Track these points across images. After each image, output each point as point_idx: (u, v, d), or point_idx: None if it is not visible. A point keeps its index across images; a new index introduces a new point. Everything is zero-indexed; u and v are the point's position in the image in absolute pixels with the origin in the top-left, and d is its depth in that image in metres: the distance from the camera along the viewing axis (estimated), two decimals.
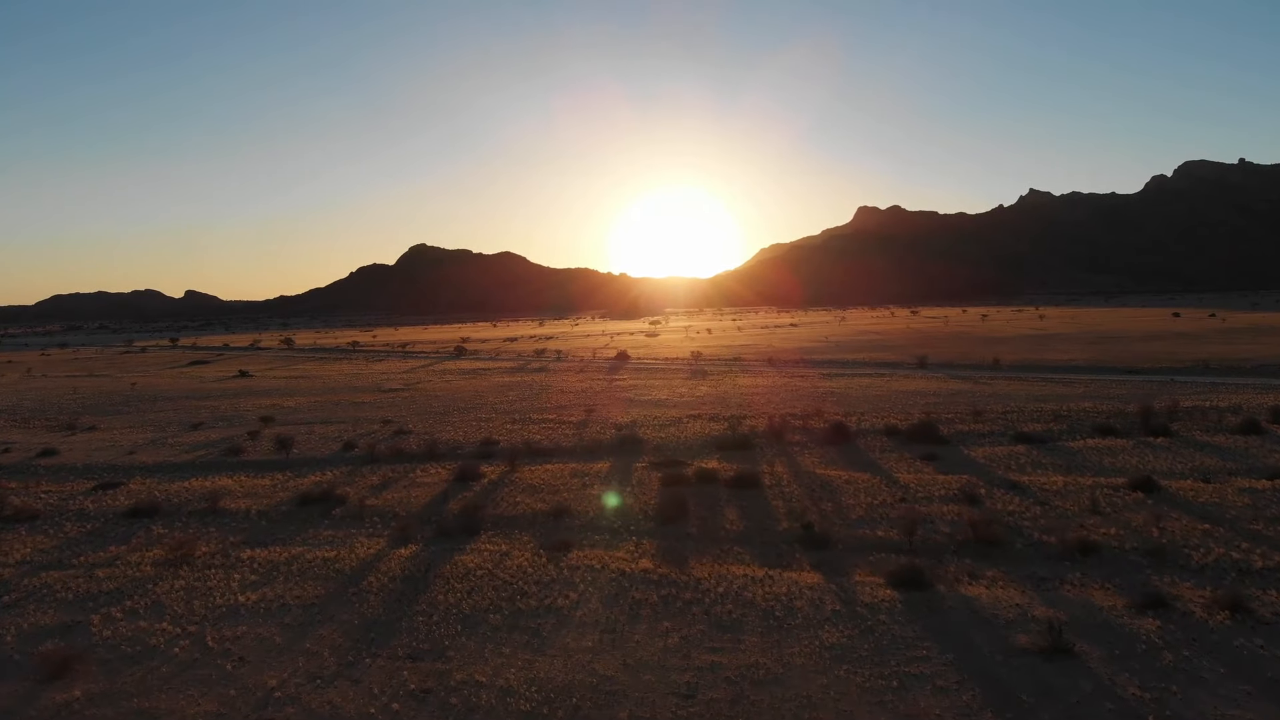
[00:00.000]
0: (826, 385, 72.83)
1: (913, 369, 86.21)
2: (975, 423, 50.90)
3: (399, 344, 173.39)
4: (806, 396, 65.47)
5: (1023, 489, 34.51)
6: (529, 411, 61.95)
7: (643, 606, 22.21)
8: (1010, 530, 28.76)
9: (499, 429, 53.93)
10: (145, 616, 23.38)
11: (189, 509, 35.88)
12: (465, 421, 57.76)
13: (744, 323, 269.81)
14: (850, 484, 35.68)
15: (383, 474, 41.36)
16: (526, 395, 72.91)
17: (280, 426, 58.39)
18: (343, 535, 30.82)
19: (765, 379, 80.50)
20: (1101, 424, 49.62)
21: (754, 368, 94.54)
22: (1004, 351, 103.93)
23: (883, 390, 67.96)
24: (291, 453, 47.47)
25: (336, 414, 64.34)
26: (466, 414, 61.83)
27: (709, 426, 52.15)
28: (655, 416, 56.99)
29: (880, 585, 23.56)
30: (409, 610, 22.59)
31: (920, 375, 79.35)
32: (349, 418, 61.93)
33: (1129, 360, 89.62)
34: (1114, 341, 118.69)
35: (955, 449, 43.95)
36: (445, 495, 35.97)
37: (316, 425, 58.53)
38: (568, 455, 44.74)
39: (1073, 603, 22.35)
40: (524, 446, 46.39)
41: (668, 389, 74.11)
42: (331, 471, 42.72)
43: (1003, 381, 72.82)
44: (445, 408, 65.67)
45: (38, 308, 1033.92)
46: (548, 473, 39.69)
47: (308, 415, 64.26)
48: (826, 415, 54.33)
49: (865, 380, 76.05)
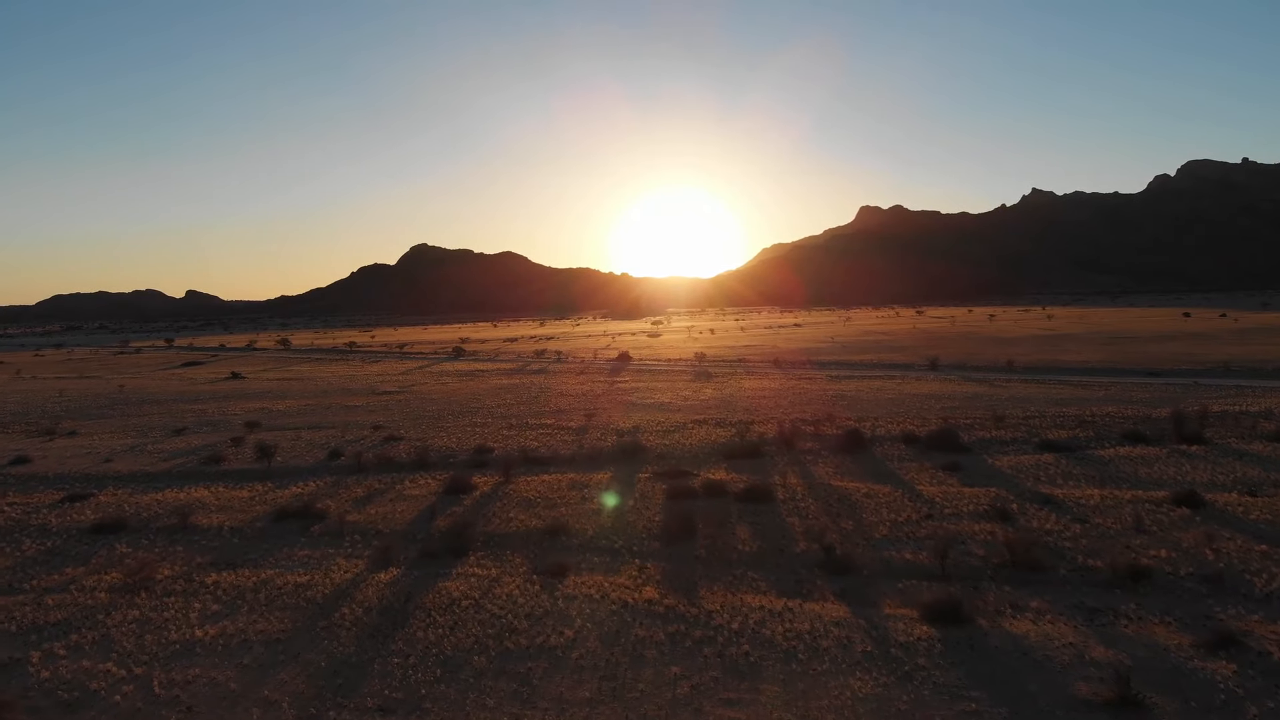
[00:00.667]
0: (836, 388, 70.21)
1: (924, 371, 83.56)
2: (997, 429, 48.27)
3: (397, 345, 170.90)
4: (816, 400, 62.85)
5: (1057, 504, 31.90)
6: (527, 416, 59.37)
7: (647, 646, 19.60)
8: (1050, 552, 26.15)
9: (494, 435, 51.35)
10: (91, 653, 20.82)
11: (158, 525, 33.31)
12: (460, 427, 55.18)
13: (747, 323, 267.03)
14: (870, 498, 33.06)
15: (368, 485, 38.77)
16: (525, 398, 70.34)
17: (266, 432, 55.84)
18: (319, 556, 28.24)
19: (772, 381, 77.87)
20: (1131, 430, 46.96)
21: (759, 369, 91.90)
22: (1016, 353, 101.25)
23: (895, 393, 65.33)
24: (274, 461, 44.86)
25: (326, 418, 61.78)
26: (461, 419, 59.25)
27: (715, 432, 49.54)
28: (659, 421, 54.39)
29: (914, 620, 20.95)
30: (384, 649, 20.00)
31: (933, 377, 76.71)
32: (339, 422, 59.36)
33: (1145, 361, 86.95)
34: (1127, 342, 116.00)
35: (978, 458, 41.32)
36: (433, 510, 33.37)
37: (304, 431, 55.97)
38: (566, 464, 42.13)
39: (1133, 641, 19.74)
40: (520, 455, 43.80)
41: (671, 392, 71.52)
42: (315, 482, 40.15)
43: (1019, 384, 70.17)
44: (440, 412, 63.09)
45: (38, 308, 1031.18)
46: (544, 484, 37.09)
47: (296, 420, 61.70)
48: (839, 420, 51.71)
49: (876, 383, 73.41)
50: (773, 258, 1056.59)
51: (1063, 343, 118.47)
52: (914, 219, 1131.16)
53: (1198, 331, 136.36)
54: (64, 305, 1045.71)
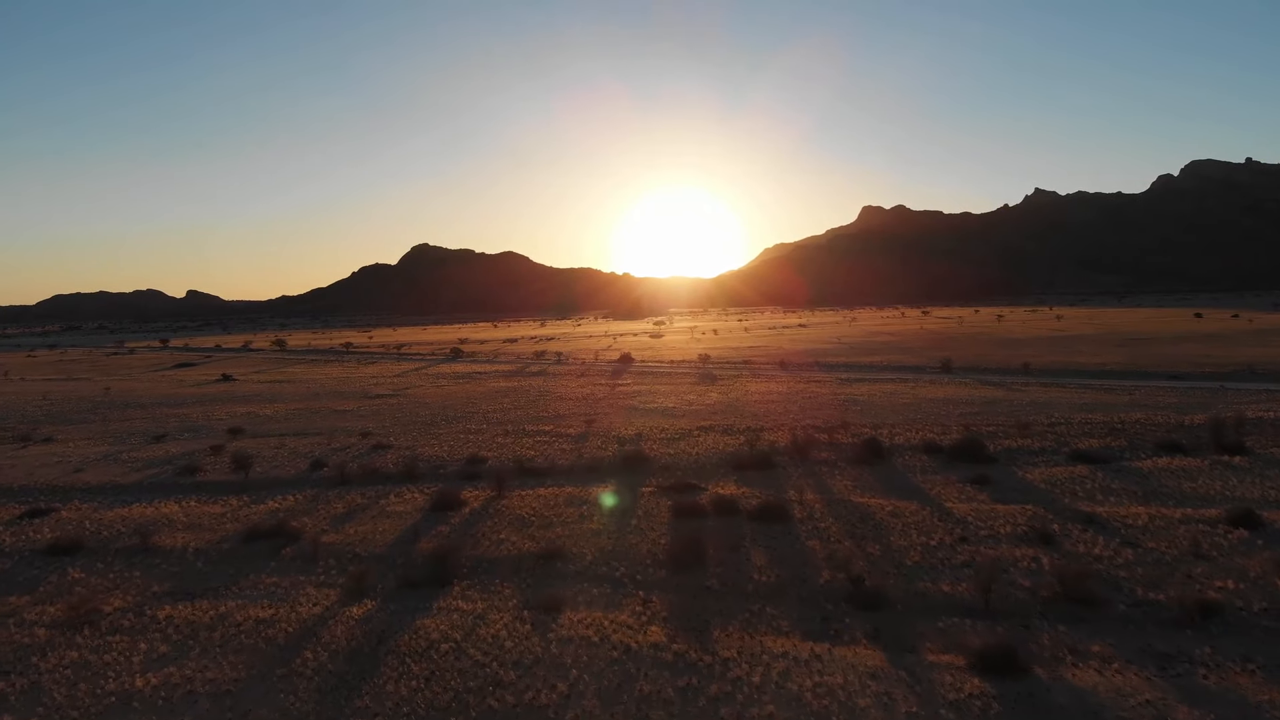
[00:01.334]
0: (847, 392, 67.34)
1: (937, 373, 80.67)
2: (1023, 437, 45.39)
3: (394, 346, 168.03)
4: (827, 405, 59.99)
5: (1102, 524, 29.05)
6: (523, 422, 56.56)
7: (654, 706, 16.77)
8: (1105, 583, 23.34)
9: (489, 443, 48.52)
10: (16, 706, 18.07)
11: (118, 545, 30.53)
12: (452, 434, 52.37)
13: (750, 323, 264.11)
14: (896, 517, 30.21)
15: (350, 500, 35.95)
16: (522, 403, 67.53)
17: (249, 439, 53.08)
18: (288, 584, 25.44)
19: (779, 384, 75.02)
20: (1166, 440, 44.09)
21: (766, 372, 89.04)
22: (1029, 354, 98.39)
23: (910, 398, 62.47)
24: (252, 473, 42.07)
25: (314, 424, 58.99)
26: (455, 424, 56.44)
27: (723, 441, 46.68)
28: (662, 428, 51.56)
29: (962, 670, 18.11)
30: (347, 707, 17.20)
31: (947, 380, 73.83)
32: (326, 429, 56.58)
33: (1164, 364, 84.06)
34: (1143, 343, 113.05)
35: (1007, 470, 38.48)
36: (417, 530, 30.55)
37: (289, 438, 53.17)
38: (564, 476, 39.30)
39: (1217, 698, 16.94)
40: (514, 465, 40.98)
41: (675, 396, 68.68)
42: (293, 496, 37.36)
43: (1038, 388, 67.28)
44: (433, 417, 60.28)
45: (39, 308, 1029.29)
46: (540, 499, 34.26)
47: (283, 425, 58.91)
48: (854, 428, 48.86)
49: (889, 386, 70.54)
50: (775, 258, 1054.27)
51: (1076, 344, 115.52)
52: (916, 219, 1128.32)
53: (1213, 333, 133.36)
54: (64, 305, 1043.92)
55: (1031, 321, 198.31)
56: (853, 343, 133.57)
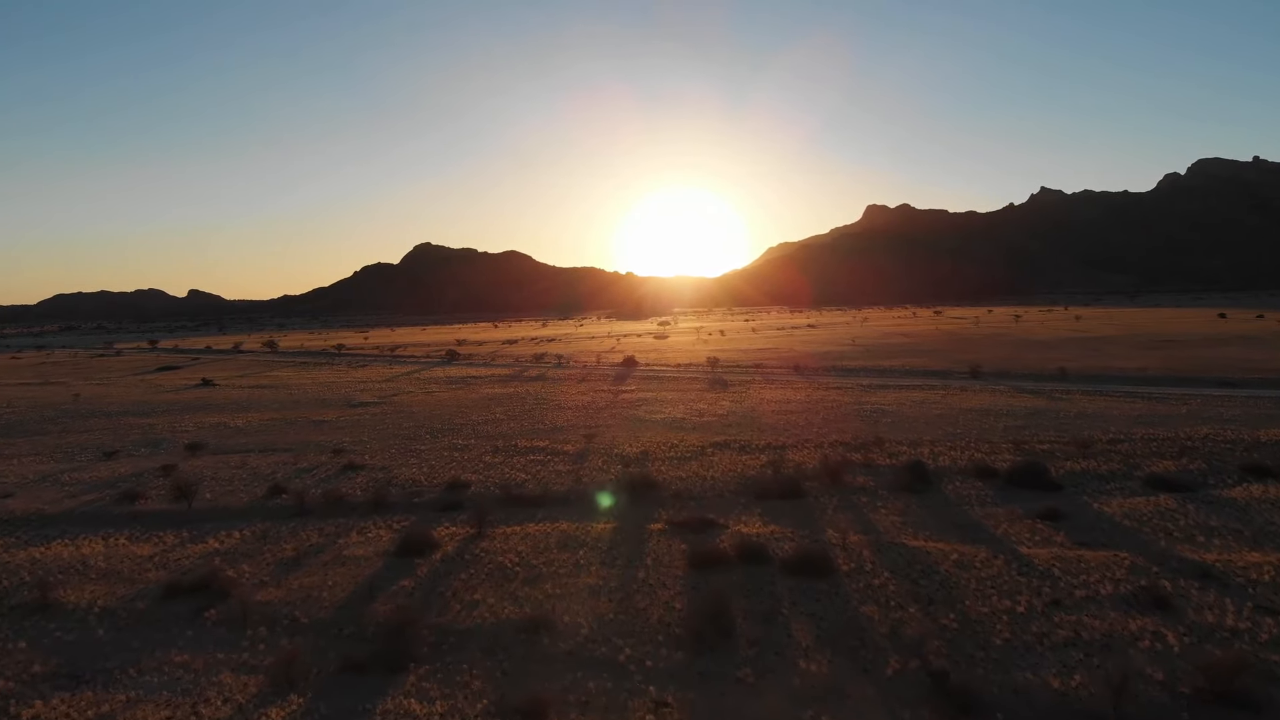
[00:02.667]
0: (872, 401, 61.58)
1: (966, 379, 74.90)
2: (1085, 458, 39.69)
3: (390, 347, 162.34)
4: (853, 416, 54.29)
5: (1220, 580, 23.37)
6: (516, 436, 50.92)
7: None
8: (1265, 677, 17.69)
9: (474, 463, 42.87)
10: None
11: (13, 601, 25.02)
12: (436, 451, 46.73)
13: (758, 323, 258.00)
14: (964, 569, 24.52)
15: (304, 538, 30.34)
16: (517, 412, 61.90)
17: (209, 456, 47.52)
18: (201, 666, 19.86)
19: (797, 391, 69.27)
20: (1249, 461, 38.38)
21: (780, 376, 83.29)
22: (1059, 357, 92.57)
23: (942, 408, 56.75)
24: (200, 501, 36.52)
25: (285, 438, 53.42)
26: (440, 439, 50.83)
27: (741, 461, 40.99)
28: (671, 445, 45.88)
29: None
30: None
31: (979, 388, 68.01)
32: (298, 443, 50.99)
33: (1202, 368, 78.26)
34: (1175, 346, 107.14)
35: (1078, 500, 32.82)
36: (373, 585, 24.91)
37: (254, 455, 47.59)
38: (558, 507, 33.65)
39: None
40: (501, 493, 35.37)
41: (684, 404, 63.02)
42: (239, 532, 31.78)
43: (1081, 396, 61.52)
44: (416, 430, 54.67)
45: (40, 307, 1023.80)
46: (528, 540, 28.60)
47: (251, 439, 53.35)
48: (889, 445, 43.16)
49: (916, 394, 64.77)
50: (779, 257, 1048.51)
51: (1104, 346, 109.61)
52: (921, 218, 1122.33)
53: (1244, 334, 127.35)
54: (65, 305, 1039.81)
55: (1050, 322, 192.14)
56: (867, 345, 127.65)
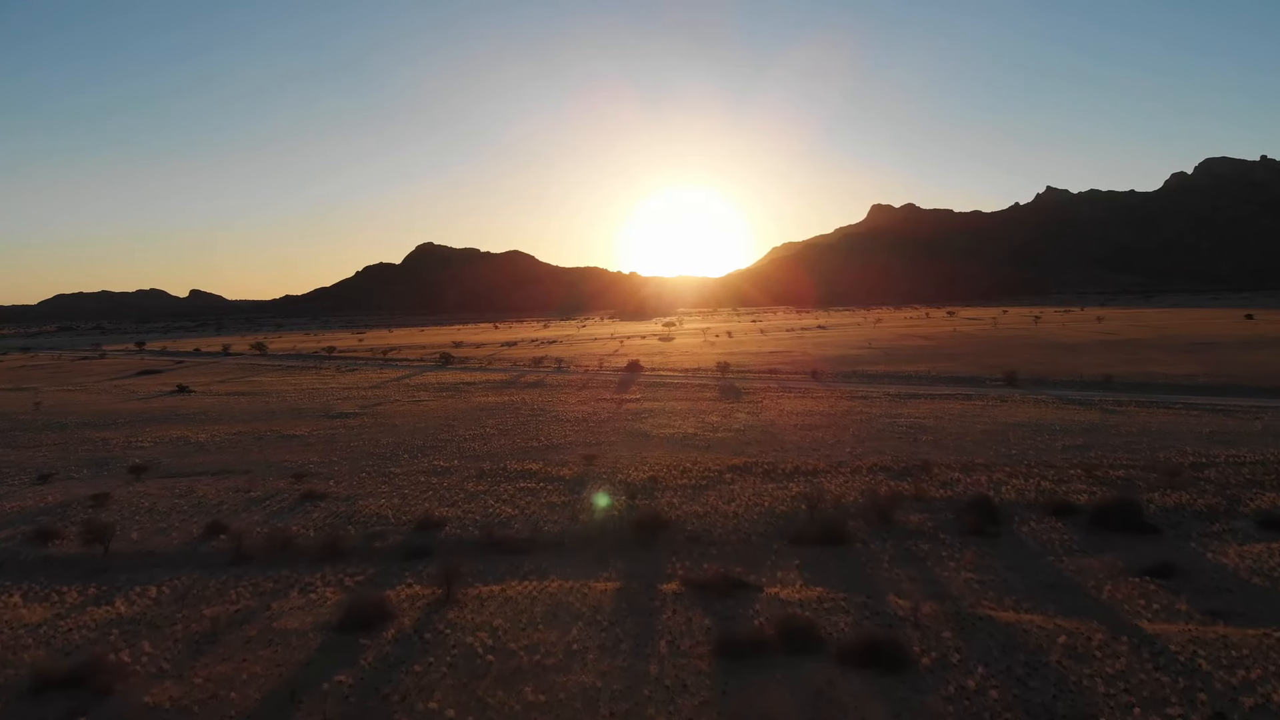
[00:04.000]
0: (905, 413, 55.39)
1: (1002, 387, 68.66)
2: (1173, 488, 33.51)
3: (384, 350, 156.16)
4: (888, 433, 48.09)
5: None
6: (506, 456, 44.81)
7: None
8: None
9: (454, 492, 36.73)
10: None
11: None
12: (412, 475, 40.61)
13: (765, 324, 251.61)
14: (1080, 658, 18.37)
15: (230, 600, 24.25)
16: (510, 425, 55.82)
17: (153, 481, 41.47)
18: None
19: (818, 401, 63.08)
20: None
21: (796, 383, 77.11)
22: (1092, 363, 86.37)
23: (986, 422, 50.53)
24: (127, 541, 30.46)
25: (247, 457, 47.36)
26: (419, 459, 44.74)
27: (768, 491, 34.81)
28: (684, 468, 39.75)
29: None
30: None
31: (1021, 398, 61.75)
32: (259, 464, 44.93)
33: (1253, 375, 72.12)
34: (1213, 349, 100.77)
35: (1184, 547, 26.70)
36: (300, 682, 18.73)
37: (204, 479, 41.53)
38: (549, 556, 27.54)
39: None
40: (480, 535, 29.29)
41: (694, 416, 56.91)
42: (159, 588, 25.76)
43: (1136, 408, 55.33)
44: (395, 447, 48.58)
45: (40, 307, 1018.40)
46: (507, 608, 22.47)
47: (208, 459, 47.31)
48: (938, 471, 37.00)
49: (953, 405, 58.57)
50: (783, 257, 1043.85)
51: (1138, 350, 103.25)
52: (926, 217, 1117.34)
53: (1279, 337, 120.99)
54: (66, 305, 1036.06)
55: (1071, 323, 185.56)
56: (885, 347, 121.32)
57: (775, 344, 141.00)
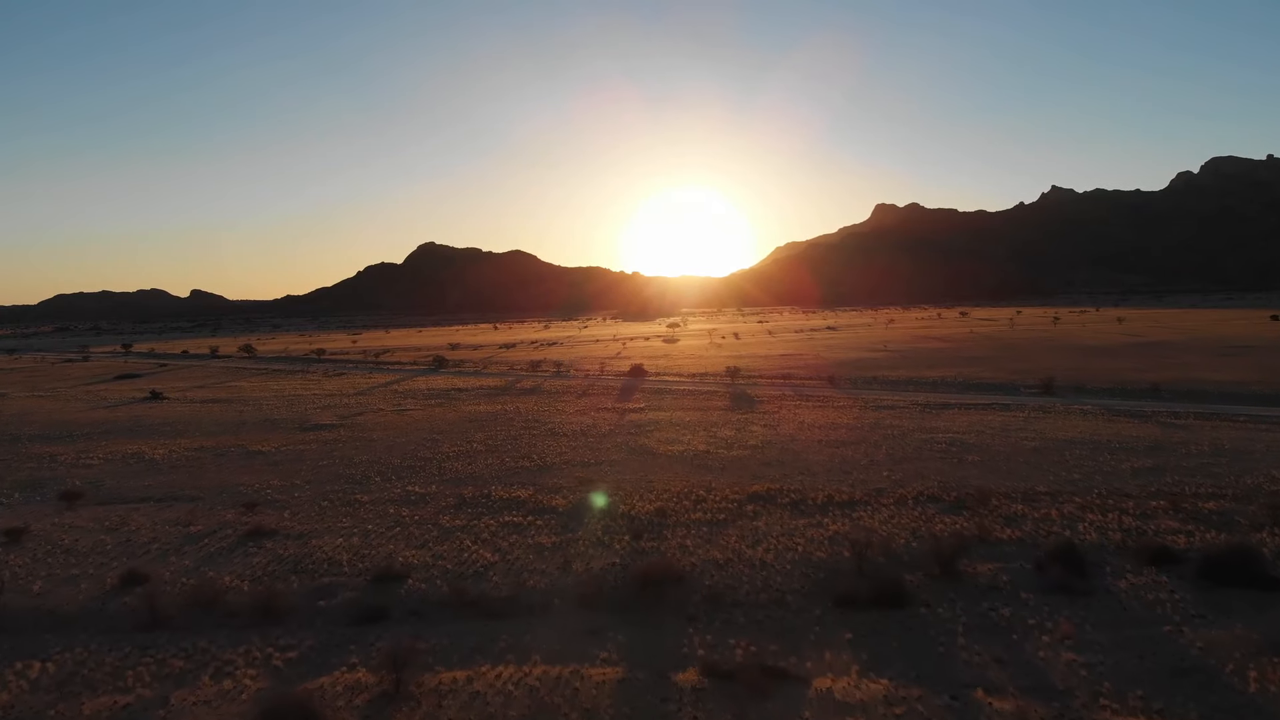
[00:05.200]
0: (940, 426, 49.83)
1: (1040, 395, 63.02)
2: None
3: (376, 352, 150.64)
4: (927, 451, 42.50)
5: None
6: (491, 479, 39.33)
7: None
8: None
9: (425, 529, 31.25)
10: None
11: None
12: (380, 505, 35.15)
13: (772, 325, 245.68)
14: None
15: (120, 689, 18.84)
16: (500, 440, 50.38)
17: (86, 510, 36.04)
18: None
19: (840, 412, 57.54)
20: None
21: (813, 390, 71.55)
22: (1129, 367, 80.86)
23: (1036, 438, 44.95)
24: (27, 594, 25.03)
25: (201, 479, 41.94)
26: (393, 483, 39.27)
27: (799, 530, 29.26)
28: (697, 496, 34.26)
29: None
30: None
31: (1063, 408, 56.15)
32: (211, 489, 39.49)
33: None
34: (1251, 353, 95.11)
35: None
36: None
37: (144, 508, 36.11)
38: (532, 626, 22.03)
39: None
40: (450, 591, 23.83)
41: (705, 429, 51.44)
42: (43, 665, 20.44)
43: (1197, 421, 49.75)
44: (368, 468, 43.11)
45: (40, 307, 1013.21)
46: (474, 711, 17.00)
47: (157, 481, 41.88)
48: (999, 502, 31.44)
49: (991, 417, 52.96)
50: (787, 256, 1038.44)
51: (1170, 353, 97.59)
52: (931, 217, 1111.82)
53: None
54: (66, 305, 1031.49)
55: (1091, 324, 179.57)
56: (902, 350, 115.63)
57: (785, 346, 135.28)
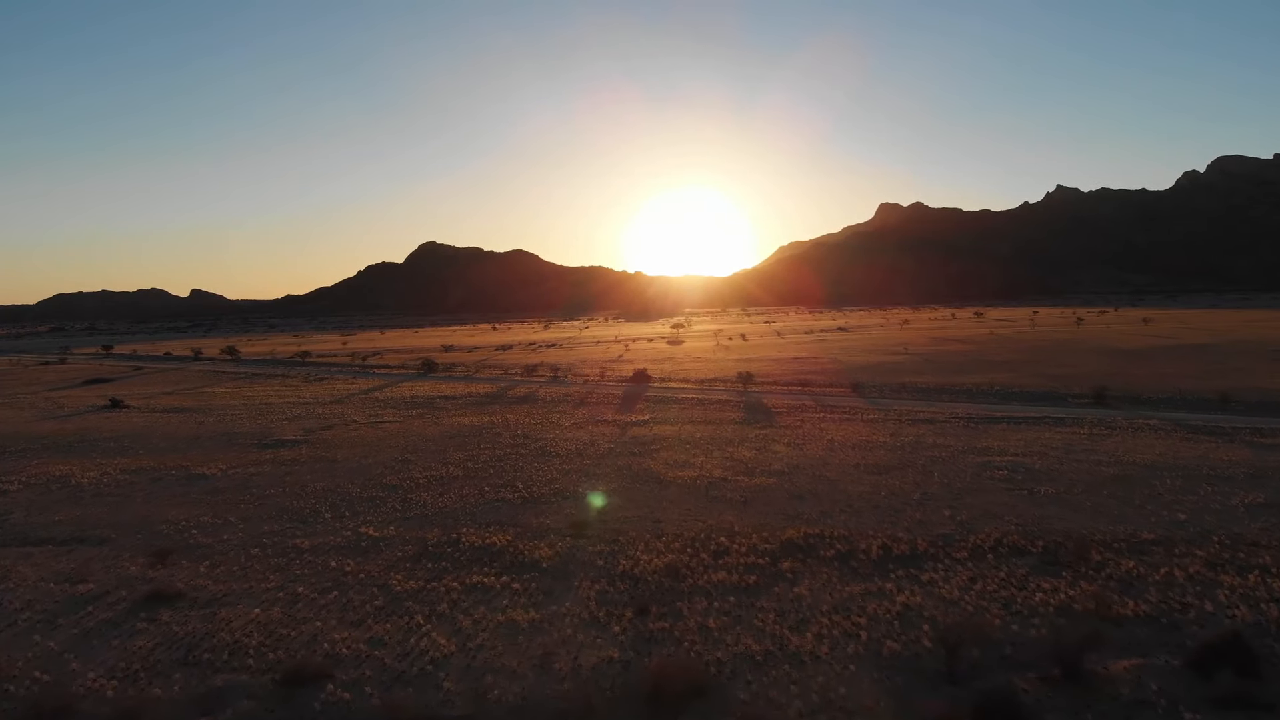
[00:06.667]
0: (995, 445, 42.85)
1: (1093, 407, 56.07)
2: None
3: (365, 355, 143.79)
4: (987, 479, 35.52)
5: None
6: (464, 516, 32.50)
7: None
8: None
9: (369, 593, 24.38)
10: None
11: None
12: (322, 554, 28.33)
13: (780, 326, 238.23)
14: None
15: None
16: (481, 462, 43.55)
17: None
18: None
19: (873, 427, 50.61)
20: None
21: (836, 399, 64.63)
22: (1175, 373, 73.96)
23: (1110, 462, 38.00)
24: None
25: (120, 514, 35.15)
26: (343, 522, 32.44)
27: (855, 601, 22.35)
28: (717, 545, 27.41)
29: None
30: None
31: (1126, 423, 49.16)
32: (129, 526, 32.74)
33: None
34: None
35: None
36: None
37: (37, 554, 29.32)
38: None
39: None
40: (382, 710, 16.97)
41: (720, 450, 44.58)
42: None
43: None
44: (319, 500, 36.26)
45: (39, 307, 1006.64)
46: None
47: (69, 516, 35.10)
48: (1100, 556, 24.56)
49: (1048, 433, 45.96)
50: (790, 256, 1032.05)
51: (1213, 357, 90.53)
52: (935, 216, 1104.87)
53: None
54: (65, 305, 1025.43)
55: (1115, 325, 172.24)
56: (924, 354, 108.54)
57: (797, 348, 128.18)
